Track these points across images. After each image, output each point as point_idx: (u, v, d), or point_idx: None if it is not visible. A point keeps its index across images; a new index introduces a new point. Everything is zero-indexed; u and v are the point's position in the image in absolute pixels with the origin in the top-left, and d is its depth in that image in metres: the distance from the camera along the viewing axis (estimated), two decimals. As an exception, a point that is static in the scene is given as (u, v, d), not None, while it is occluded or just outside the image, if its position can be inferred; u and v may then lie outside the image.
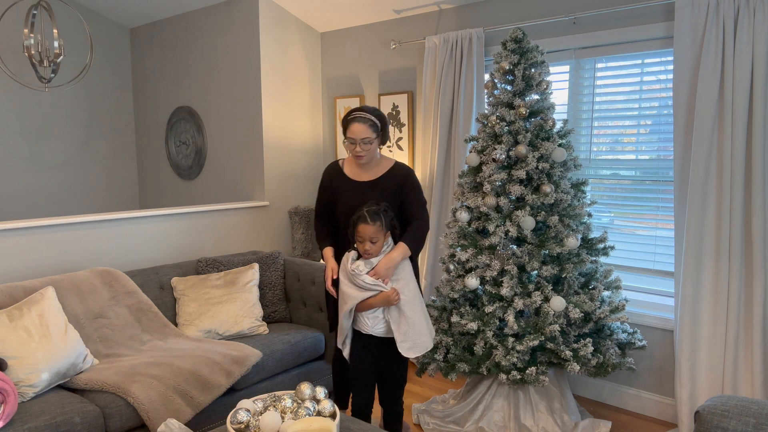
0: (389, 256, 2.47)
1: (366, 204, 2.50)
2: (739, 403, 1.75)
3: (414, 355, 2.48)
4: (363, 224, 2.43)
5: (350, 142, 2.56)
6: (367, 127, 2.52)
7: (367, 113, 2.54)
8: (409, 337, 2.46)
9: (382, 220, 2.44)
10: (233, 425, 1.93)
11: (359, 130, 2.52)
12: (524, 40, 2.98)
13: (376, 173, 2.66)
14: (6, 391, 2.18)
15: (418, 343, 2.47)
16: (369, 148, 2.56)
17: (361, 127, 2.52)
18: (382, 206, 2.49)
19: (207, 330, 3.13)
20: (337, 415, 2.01)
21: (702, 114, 2.80)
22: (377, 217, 2.43)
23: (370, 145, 2.55)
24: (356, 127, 2.52)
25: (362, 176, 2.66)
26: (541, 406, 2.95)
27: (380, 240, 2.44)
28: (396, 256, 2.48)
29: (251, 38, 4.25)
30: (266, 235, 4.39)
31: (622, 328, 2.97)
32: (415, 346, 2.46)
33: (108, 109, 5.24)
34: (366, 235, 2.43)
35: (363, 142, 2.53)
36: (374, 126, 2.54)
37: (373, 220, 2.42)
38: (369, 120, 2.53)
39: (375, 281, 2.43)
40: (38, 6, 3.60)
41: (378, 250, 2.46)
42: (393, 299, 2.43)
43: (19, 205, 4.80)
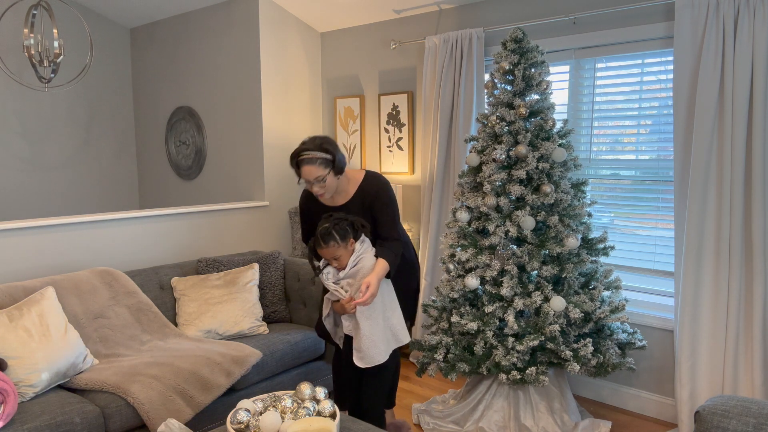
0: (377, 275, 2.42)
1: (319, 223, 2.46)
2: (739, 403, 1.75)
3: (363, 366, 2.46)
4: (319, 248, 2.43)
5: (306, 183, 2.47)
6: (316, 167, 2.41)
7: (312, 152, 2.41)
8: (361, 348, 2.46)
9: (335, 237, 2.40)
10: (233, 425, 1.93)
11: (309, 171, 2.42)
12: (524, 40, 2.98)
13: (345, 197, 2.60)
14: (6, 391, 2.18)
15: (368, 355, 2.45)
16: (326, 185, 2.46)
17: (310, 168, 2.41)
18: (333, 221, 2.43)
19: (207, 330, 3.13)
20: (337, 415, 2.01)
21: (702, 114, 2.80)
22: (330, 237, 2.40)
23: (325, 182, 2.45)
24: (306, 170, 2.42)
25: (333, 201, 2.62)
26: (541, 406, 2.95)
27: (343, 254, 2.43)
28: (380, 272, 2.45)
29: (251, 38, 4.25)
30: (266, 235, 4.39)
31: (622, 328, 2.97)
32: (365, 358, 2.45)
33: (108, 109, 5.24)
34: (326, 256, 2.44)
35: (317, 182, 2.44)
36: (324, 161, 2.42)
37: (326, 241, 2.40)
38: (317, 159, 2.41)
39: (336, 287, 2.45)
40: (38, 6, 3.60)
41: (345, 263, 2.45)
42: (348, 308, 2.44)
43: (19, 205, 4.80)
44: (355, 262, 2.47)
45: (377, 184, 2.57)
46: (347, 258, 2.45)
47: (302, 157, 2.41)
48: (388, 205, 2.55)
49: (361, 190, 2.57)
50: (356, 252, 2.48)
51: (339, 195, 2.60)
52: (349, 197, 2.58)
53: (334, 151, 2.45)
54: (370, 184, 2.57)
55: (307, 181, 2.45)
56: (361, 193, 2.56)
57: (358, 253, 2.48)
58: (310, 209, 2.68)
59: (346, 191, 2.59)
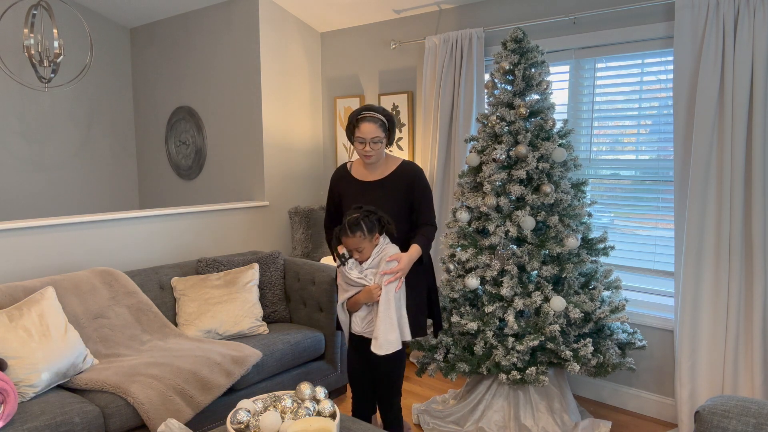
0: (409, 255, 2.48)
1: (347, 212, 2.47)
2: (739, 403, 1.75)
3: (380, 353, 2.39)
4: (344, 237, 2.42)
5: (359, 142, 2.53)
6: (377, 127, 2.51)
7: (377, 113, 2.53)
8: (379, 333, 2.41)
9: (363, 228, 2.40)
10: (233, 425, 1.93)
11: (369, 129, 2.50)
12: (524, 40, 2.98)
13: (383, 172, 2.63)
14: (6, 391, 2.18)
15: (387, 341, 2.40)
16: (378, 148, 2.53)
17: (371, 126, 2.50)
18: (363, 212, 2.44)
19: (207, 330, 3.13)
20: (337, 415, 2.01)
21: (702, 114, 2.80)
22: (357, 228, 2.39)
23: (379, 144, 2.53)
24: (366, 127, 2.50)
25: (369, 176, 2.64)
26: (541, 406, 2.95)
27: (367, 247, 2.43)
28: (414, 255, 2.50)
29: (251, 38, 4.25)
30: (266, 235, 4.39)
31: (622, 328, 2.97)
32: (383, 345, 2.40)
33: (108, 109, 5.24)
34: (350, 246, 2.43)
35: (372, 142, 2.51)
36: (383, 126, 2.53)
37: (352, 231, 2.39)
38: (379, 120, 2.51)
39: (360, 276, 2.45)
40: (38, 6, 3.60)
41: (367, 255, 2.46)
42: (375, 294, 2.42)
43: (19, 205, 4.80)
44: (379, 253, 2.47)
45: (416, 168, 2.63)
46: (370, 251, 2.45)
47: (365, 114, 2.51)
48: (425, 190, 2.61)
49: (400, 170, 2.62)
50: (380, 245, 2.49)
51: (376, 170, 2.63)
52: (385, 175, 2.62)
53: (393, 121, 2.59)
54: (409, 167, 2.63)
55: (362, 141, 2.51)
56: (399, 173, 2.61)
57: (381, 247, 2.48)
58: (338, 188, 2.69)
59: (383, 168, 2.63)
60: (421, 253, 2.54)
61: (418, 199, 2.59)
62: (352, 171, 2.70)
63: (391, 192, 2.59)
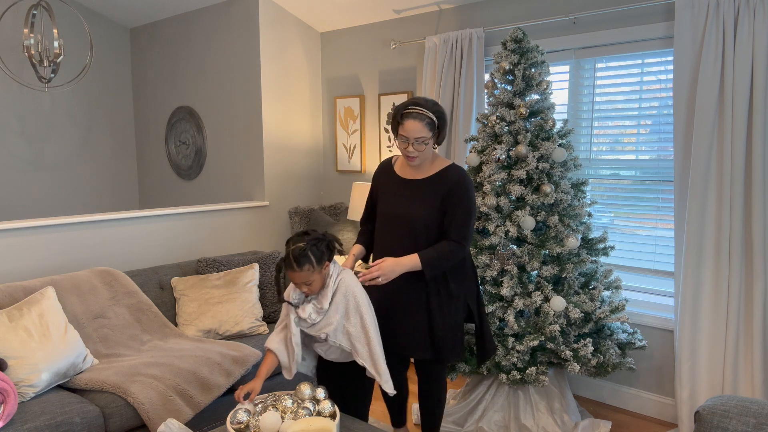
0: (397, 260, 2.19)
1: (290, 240, 2.13)
2: (739, 403, 1.75)
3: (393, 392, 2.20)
4: (290, 271, 2.08)
5: (402, 141, 2.23)
6: (423, 126, 2.18)
7: (424, 109, 2.19)
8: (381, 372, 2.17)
9: (311, 260, 2.06)
10: (233, 425, 1.93)
11: (414, 128, 2.18)
12: (524, 40, 2.98)
13: (425, 173, 2.34)
14: (6, 391, 2.18)
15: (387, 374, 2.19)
16: (423, 149, 2.22)
17: (416, 125, 2.18)
18: (309, 240, 2.09)
19: (207, 330, 3.13)
20: (337, 415, 2.01)
21: (702, 114, 2.80)
22: (305, 260, 2.06)
23: (424, 145, 2.22)
24: (410, 125, 2.18)
25: (411, 174, 2.36)
26: (541, 406, 2.95)
27: (316, 279, 2.10)
28: (405, 263, 2.20)
29: (251, 38, 4.25)
30: (266, 235, 4.39)
31: (622, 328, 2.97)
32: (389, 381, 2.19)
33: (108, 109, 5.24)
34: (297, 281, 2.10)
35: (417, 142, 2.20)
36: (431, 124, 2.20)
37: (300, 264, 2.05)
38: (426, 117, 2.19)
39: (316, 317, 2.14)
40: (38, 6, 3.60)
41: (317, 287, 2.13)
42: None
43: (19, 205, 4.80)
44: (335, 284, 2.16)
45: (460, 175, 2.29)
46: (320, 283, 2.13)
47: (411, 110, 2.19)
48: (463, 200, 2.25)
49: (442, 173, 2.31)
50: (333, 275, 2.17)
51: (420, 169, 2.34)
52: (427, 175, 2.33)
53: (444, 115, 2.24)
54: (454, 172, 2.30)
55: (405, 140, 2.21)
56: (442, 176, 2.30)
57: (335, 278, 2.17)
58: (378, 183, 2.45)
59: (429, 168, 2.34)
60: (419, 267, 2.21)
61: (451, 209, 2.26)
62: (395, 166, 2.43)
63: (427, 195, 2.29)
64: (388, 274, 2.19)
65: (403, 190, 2.35)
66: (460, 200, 2.25)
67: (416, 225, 2.29)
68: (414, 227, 2.29)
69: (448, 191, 2.26)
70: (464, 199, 2.25)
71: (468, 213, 2.26)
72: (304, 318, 2.14)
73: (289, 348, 2.19)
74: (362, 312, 2.16)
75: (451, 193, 2.25)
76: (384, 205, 2.39)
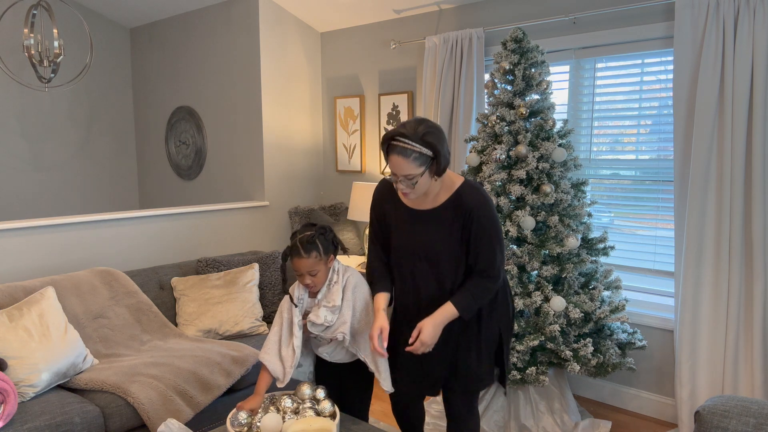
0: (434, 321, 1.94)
1: (300, 229, 2.06)
2: (739, 403, 1.75)
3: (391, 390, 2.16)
4: (297, 258, 2.03)
5: (392, 174, 1.91)
6: (409, 162, 1.81)
7: (410, 141, 1.80)
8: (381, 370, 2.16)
9: (318, 247, 2.02)
10: (233, 426, 1.93)
11: (398, 164, 1.83)
12: (524, 40, 2.98)
13: (435, 200, 2.00)
14: (6, 391, 2.18)
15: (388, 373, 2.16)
16: (416, 187, 1.88)
17: (400, 161, 1.82)
18: (317, 230, 2.06)
19: (207, 330, 3.14)
20: (337, 415, 2.01)
21: (702, 114, 2.80)
22: (312, 247, 2.01)
23: (415, 183, 1.87)
24: (395, 161, 1.84)
25: (419, 203, 2.03)
26: (541, 406, 2.95)
27: (321, 270, 2.06)
28: (440, 320, 1.95)
29: (251, 38, 4.25)
30: (266, 235, 4.39)
31: (622, 328, 2.97)
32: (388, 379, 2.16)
33: (108, 109, 5.24)
34: (302, 269, 2.04)
35: (406, 179, 1.86)
36: (421, 158, 1.81)
37: (307, 251, 2.00)
38: (412, 152, 1.80)
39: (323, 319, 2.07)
40: (38, 6, 3.60)
41: (321, 281, 2.09)
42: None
43: (19, 205, 4.80)
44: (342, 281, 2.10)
45: (478, 197, 1.94)
46: (325, 276, 2.09)
47: (397, 142, 1.82)
48: (486, 227, 1.93)
49: (456, 198, 1.96)
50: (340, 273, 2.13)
51: (426, 198, 2.00)
52: (438, 203, 1.98)
53: (438, 145, 1.82)
54: (469, 194, 1.95)
55: (393, 174, 1.90)
56: (455, 202, 1.96)
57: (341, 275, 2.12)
58: (383, 209, 2.10)
59: (436, 195, 1.99)
60: (457, 315, 1.96)
61: (475, 239, 1.94)
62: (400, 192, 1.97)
63: (443, 228, 1.98)
64: (431, 340, 1.96)
65: (414, 225, 2.03)
66: (482, 227, 1.93)
67: (439, 263, 2.01)
68: (437, 266, 2.01)
69: (466, 219, 1.94)
70: (487, 224, 1.93)
71: (495, 239, 1.95)
72: (319, 323, 2.07)
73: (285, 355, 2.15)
74: (369, 308, 2.15)
75: (471, 221, 1.93)
76: (398, 241, 2.08)
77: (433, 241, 1.99)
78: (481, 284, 1.97)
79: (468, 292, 1.97)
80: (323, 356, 2.26)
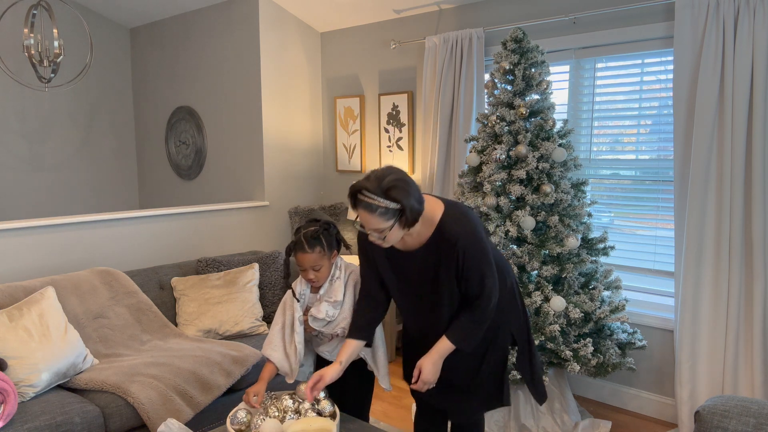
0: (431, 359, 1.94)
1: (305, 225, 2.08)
2: (739, 403, 1.75)
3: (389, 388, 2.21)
4: (301, 253, 2.04)
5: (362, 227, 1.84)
6: (375, 217, 1.73)
7: (374, 196, 1.71)
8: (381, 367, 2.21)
9: (322, 243, 2.04)
10: (233, 425, 1.93)
11: (366, 219, 1.76)
12: (524, 39, 2.98)
13: (419, 239, 1.90)
14: (6, 391, 2.18)
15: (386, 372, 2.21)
16: (387, 238, 1.79)
17: (366, 216, 1.75)
18: (322, 225, 2.07)
19: (207, 330, 3.14)
20: (337, 415, 2.01)
21: (702, 114, 2.80)
22: (316, 242, 2.02)
23: (385, 236, 1.78)
24: (362, 216, 1.77)
25: (404, 244, 1.94)
26: (541, 406, 2.95)
27: (324, 266, 2.07)
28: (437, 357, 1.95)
29: (251, 38, 4.25)
30: (266, 235, 4.39)
31: (622, 328, 2.97)
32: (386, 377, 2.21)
33: (108, 109, 5.24)
34: (306, 264, 2.05)
35: (376, 232, 1.78)
36: (387, 212, 1.72)
37: (311, 246, 2.01)
38: (377, 207, 1.72)
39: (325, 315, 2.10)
40: (38, 6, 3.60)
41: (324, 276, 2.10)
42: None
43: (19, 205, 4.80)
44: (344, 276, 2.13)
45: (458, 227, 1.84)
46: (328, 272, 2.10)
47: (360, 197, 1.76)
48: (475, 256, 1.84)
49: (438, 234, 1.86)
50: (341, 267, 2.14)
51: (410, 238, 1.91)
52: (423, 241, 1.89)
53: (403, 199, 1.72)
54: (450, 227, 1.84)
55: (362, 226, 1.84)
56: (438, 238, 1.86)
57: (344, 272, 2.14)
58: (368, 255, 2.04)
59: (419, 234, 1.89)
60: (453, 348, 1.93)
61: (464, 269, 1.85)
62: None
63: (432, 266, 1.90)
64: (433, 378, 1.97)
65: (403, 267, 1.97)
66: (469, 257, 1.83)
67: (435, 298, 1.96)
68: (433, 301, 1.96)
69: (452, 252, 1.84)
70: (473, 253, 1.84)
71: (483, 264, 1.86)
72: (320, 318, 2.09)
73: (289, 351, 2.17)
74: None
75: (457, 253, 1.83)
76: (391, 284, 2.04)
77: (424, 281, 1.94)
78: (475, 312, 1.91)
79: (461, 324, 1.93)
80: (324, 355, 2.27)
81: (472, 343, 1.96)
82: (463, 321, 1.92)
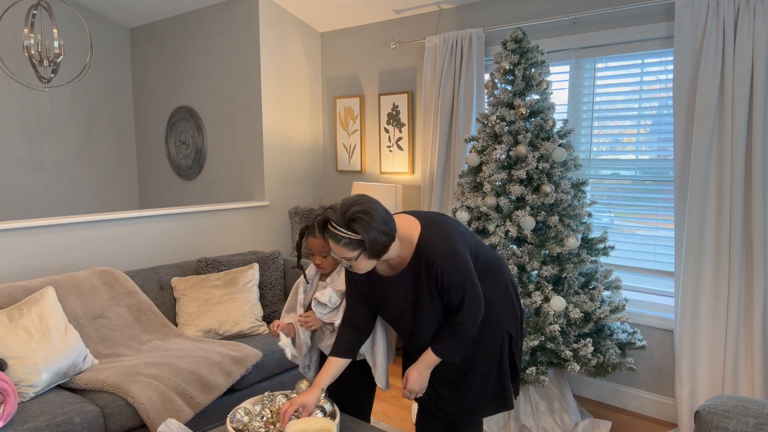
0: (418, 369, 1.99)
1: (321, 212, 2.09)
2: (739, 403, 1.75)
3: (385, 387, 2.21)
4: (312, 237, 2.10)
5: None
6: (340, 247, 1.76)
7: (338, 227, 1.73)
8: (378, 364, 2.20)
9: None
10: (233, 425, 1.93)
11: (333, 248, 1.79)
12: (524, 40, 2.98)
13: (401, 262, 1.92)
14: (6, 391, 2.18)
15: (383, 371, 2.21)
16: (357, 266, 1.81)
17: (333, 245, 1.78)
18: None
19: (207, 330, 3.14)
20: (337, 415, 2.01)
21: (702, 114, 2.80)
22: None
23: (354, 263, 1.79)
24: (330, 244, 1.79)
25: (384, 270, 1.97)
26: (541, 406, 2.95)
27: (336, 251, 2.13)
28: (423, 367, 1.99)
29: (251, 38, 4.25)
30: (266, 235, 4.39)
31: (622, 328, 2.97)
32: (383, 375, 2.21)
33: (108, 109, 5.24)
34: (315, 249, 2.10)
35: (345, 260, 1.80)
36: (352, 243, 1.73)
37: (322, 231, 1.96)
38: (342, 237, 1.73)
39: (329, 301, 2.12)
40: (38, 6, 3.60)
41: (330, 264, 2.14)
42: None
43: (19, 205, 4.80)
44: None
45: (435, 248, 1.84)
46: (334, 262, 2.15)
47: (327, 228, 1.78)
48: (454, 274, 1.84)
49: (417, 256, 1.87)
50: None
51: (390, 262, 1.93)
52: (404, 265, 1.90)
53: (363, 232, 1.72)
54: (426, 249, 1.85)
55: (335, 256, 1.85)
56: (417, 261, 1.87)
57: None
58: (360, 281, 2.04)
59: (399, 256, 1.90)
60: (440, 360, 1.96)
61: (446, 286, 1.86)
62: None
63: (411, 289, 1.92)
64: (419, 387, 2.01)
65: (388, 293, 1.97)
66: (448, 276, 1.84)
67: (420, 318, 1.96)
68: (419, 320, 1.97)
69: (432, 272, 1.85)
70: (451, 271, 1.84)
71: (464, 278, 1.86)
72: (323, 302, 2.11)
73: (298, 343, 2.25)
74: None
75: (437, 273, 1.84)
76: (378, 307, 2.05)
77: (409, 303, 1.95)
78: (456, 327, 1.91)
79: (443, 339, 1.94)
80: (325, 351, 2.27)
81: (458, 355, 1.96)
82: (446, 335, 1.93)
